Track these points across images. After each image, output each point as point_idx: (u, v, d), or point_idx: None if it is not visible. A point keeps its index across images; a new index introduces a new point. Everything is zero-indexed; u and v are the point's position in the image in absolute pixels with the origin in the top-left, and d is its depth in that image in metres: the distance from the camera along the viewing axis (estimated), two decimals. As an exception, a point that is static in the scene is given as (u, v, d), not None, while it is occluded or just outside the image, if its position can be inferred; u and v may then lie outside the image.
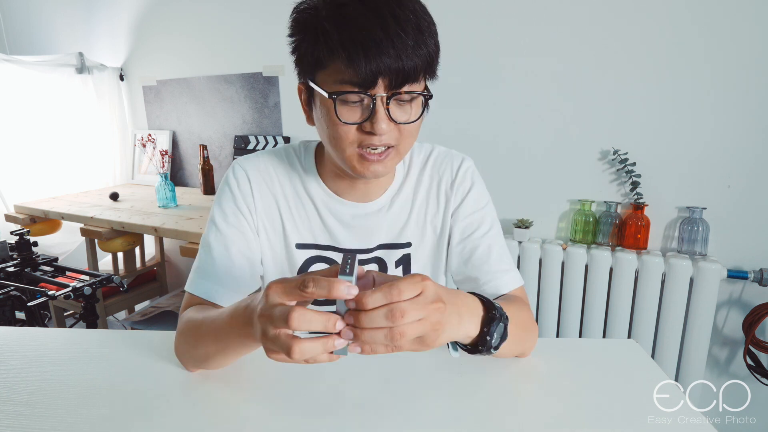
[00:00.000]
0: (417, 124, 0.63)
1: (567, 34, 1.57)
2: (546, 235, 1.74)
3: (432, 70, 0.61)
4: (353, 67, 0.56)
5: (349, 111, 0.60)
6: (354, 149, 0.62)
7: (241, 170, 0.74)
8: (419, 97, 0.62)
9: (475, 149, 1.69)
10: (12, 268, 1.75)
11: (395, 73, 0.57)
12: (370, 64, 0.55)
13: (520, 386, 0.63)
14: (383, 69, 0.56)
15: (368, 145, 0.61)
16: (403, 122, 0.61)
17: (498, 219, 0.79)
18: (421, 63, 0.58)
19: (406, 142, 0.64)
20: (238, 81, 2.23)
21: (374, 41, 0.55)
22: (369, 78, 0.56)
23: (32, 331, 0.81)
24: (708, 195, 1.49)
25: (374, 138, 0.60)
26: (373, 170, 0.64)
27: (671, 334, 1.52)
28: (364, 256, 0.76)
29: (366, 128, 0.60)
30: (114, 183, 2.62)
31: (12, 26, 2.84)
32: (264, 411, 0.58)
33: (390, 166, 0.65)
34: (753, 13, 1.35)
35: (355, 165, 0.64)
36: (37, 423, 0.56)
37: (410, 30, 0.56)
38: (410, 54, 0.56)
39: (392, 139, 0.62)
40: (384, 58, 0.55)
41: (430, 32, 0.59)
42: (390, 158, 0.64)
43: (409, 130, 0.63)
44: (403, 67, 0.56)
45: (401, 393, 0.62)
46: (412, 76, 0.58)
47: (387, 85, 0.58)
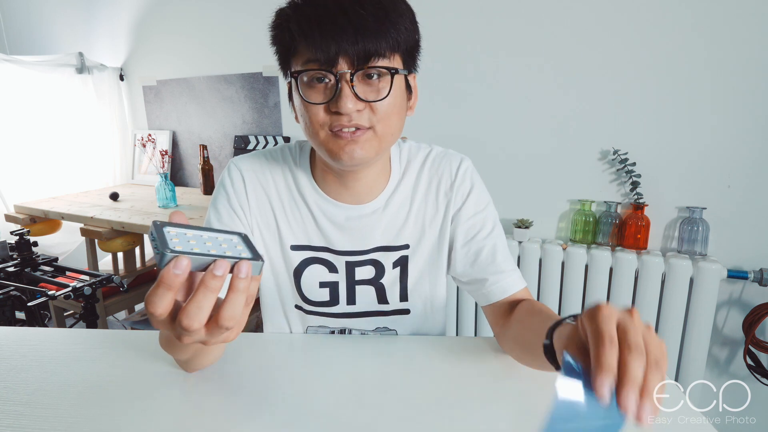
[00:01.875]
0: (392, 103, 0.61)
1: (568, 34, 1.57)
2: (546, 235, 1.74)
3: (400, 47, 0.59)
4: (312, 46, 0.56)
5: (315, 92, 0.60)
6: (326, 132, 0.61)
7: (236, 170, 0.74)
8: (389, 74, 0.59)
9: (475, 149, 1.69)
10: (12, 268, 1.75)
11: (354, 48, 0.56)
12: (326, 40, 0.55)
13: (519, 386, 0.63)
14: (341, 46, 0.55)
15: (338, 126, 0.60)
16: (373, 100, 0.59)
17: (498, 218, 0.79)
18: (384, 38, 0.57)
19: (384, 123, 0.61)
20: (238, 81, 2.23)
21: (330, 18, 0.55)
22: (328, 56, 0.56)
23: (32, 331, 0.80)
24: (708, 195, 1.49)
25: (342, 118, 0.59)
26: (349, 151, 0.61)
27: (671, 334, 1.52)
28: (359, 258, 0.75)
29: (333, 108, 0.59)
30: (114, 183, 2.62)
31: (12, 26, 2.84)
32: (264, 411, 0.58)
33: (369, 150, 0.62)
34: (753, 13, 1.35)
35: (331, 148, 0.62)
36: (37, 423, 0.56)
37: (369, 5, 0.55)
38: (371, 29, 0.55)
39: (364, 119, 0.60)
40: (341, 34, 0.55)
41: (395, 8, 0.58)
42: (367, 140, 0.61)
43: (384, 110, 0.61)
44: (363, 41, 0.55)
45: (399, 395, 0.62)
46: (374, 51, 0.57)
47: (349, 62, 0.57)
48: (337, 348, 0.74)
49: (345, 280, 0.76)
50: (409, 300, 0.78)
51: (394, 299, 0.78)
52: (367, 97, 0.59)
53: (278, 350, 0.74)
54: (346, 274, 0.76)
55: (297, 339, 0.78)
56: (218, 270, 0.35)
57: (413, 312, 0.79)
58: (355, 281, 0.76)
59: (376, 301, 0.78)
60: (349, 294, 0.77)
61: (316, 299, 0.77)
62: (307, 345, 0.76)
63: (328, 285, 0.77)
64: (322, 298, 0.77)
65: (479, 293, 0.76)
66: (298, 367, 0.69)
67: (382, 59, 0.58)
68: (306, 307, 0.78)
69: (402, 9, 0.59)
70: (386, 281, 0.77)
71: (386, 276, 0.77)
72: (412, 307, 0.79)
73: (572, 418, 0.36)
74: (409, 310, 0.79)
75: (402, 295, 0.78)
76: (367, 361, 0.70)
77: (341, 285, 0.77)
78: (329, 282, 0.76)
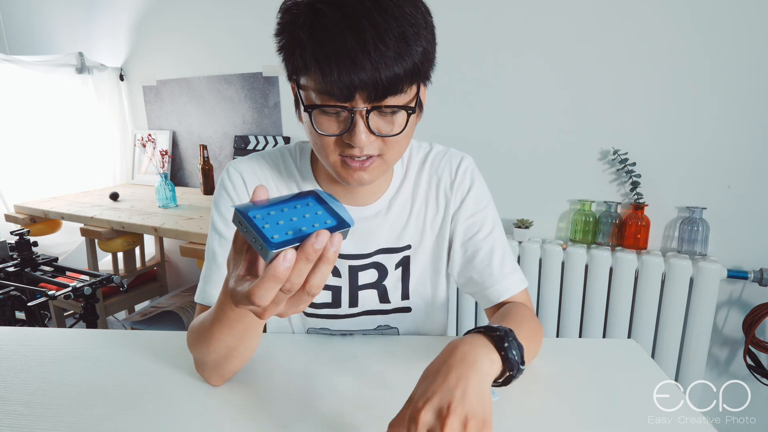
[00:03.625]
0: (406, 134, 0.61)
1: (568, 34, 1.57)
2: (546, 235, 1.74)
3: (420, 77, 0.57)
4: (328, 80, 0.53)
5: (328, 122, 0.57)
6: (336, 156, 0.61)
7: (236, 172, 0.73)
8: (405, 112, 0.58)
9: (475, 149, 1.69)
10: (12, 268, 1.75)
11: (373, 87, 0.53)
12: (344, 78, 0.52)
13: (519, 386, 0.63)
14: (358, 83, 0.52)
15: (349, 155, 0.59)
16: (386, 135, 0.58)
17: (499, 218, 0.78)
18: (405, 74, 0.54)
19: (393, 151, 0.61)
20: (238, 81, 2.23)
21: (348, 54, 0.51)
22: (344, 92, 0.53)
23: (32, 331, 0.81)
24: (708, 195, 1.49)
25: (355, 150, 0.58)
26: (357, 178, 0.61)
27: (671, 334, 1.52)
28: (361, 261, 0.75)
29: (346, 140, 0.58)
30: (114, 183, 2.62)
31: (12, 26, 2.84)
32: (264, 411, 0.58)
33: (376, 175, 0.63)
34: (753, 12, 1.35)
35: (339, 172, 0.62)
36: (37, 423, 0.56)
37: (391, 40, 0.52)
38: (390, 66, 0.52)
39: (375, 149, 0.60)
40: (359, 71, 0.51)
41: (417, 38, 0.54)
42: (375, 167, 0.62)
43: (395, 140, 0.60)
44: (381, 80, 0.52)
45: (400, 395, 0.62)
46: (392, 88, 0.54)
47: (365, 98, 0.54)
48: (337, 348, 0.74)
49: (348, 285, 0.76)
50: (411, 298, 0.78)
51: (396, 298, 0.78)
52: (380, 131, 0.58)
53: (279, 350, 0.74)
54: (350, 280, 0.75)
55: (298, 339, 0.78)
56: (319, 244, 0.38)
57: (414, 309, 0.79)
58: (358, 286, 0.76)
59: (378, 301, 0.78)
60: (351, 298, 0.77)
61: (317, 301, 0.77)
62: (307, 345, 0.76)
63: (331, 288, 0.76)
64: (324, 300, 0.77)
65: (478, 296, 0.76)
66: (298, 367, 0.69)
67: (399, 95, 0.56)
68: (306, 310, 0.78)
69: (424, 33, 0.55)
70: (389, 282, 0.77)
71: (389, 278, 0.76)
72: (414, 305, 0.79)
73: None
74: (410, 308, 0.79)
75: (404, 294, 0.78)
76: (368, 361, 0.70)
77: (344, 290, 0.76)
78: (332, 286, 0.76)
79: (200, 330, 0.60)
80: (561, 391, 0.62)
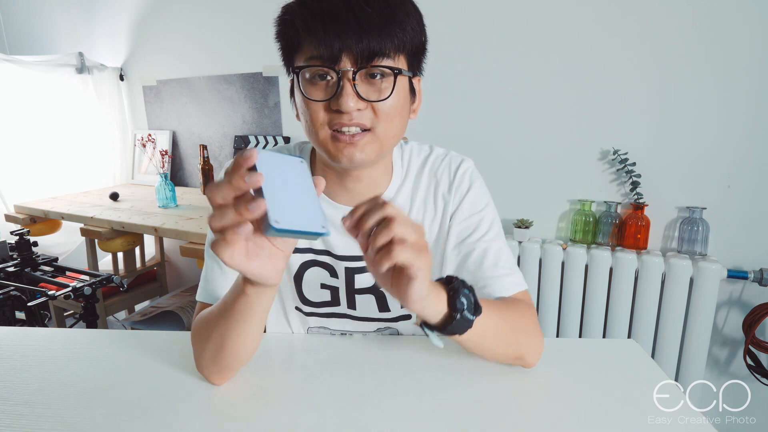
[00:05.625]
0: (395, 104, 0.60)
1: (568, 33, 1.57)
2: (546, 235, 1.74)
3: (408, 47, 0.59)
4: (315, 42, 0.55)
5: (317, 89, 0.59)
6: (326, 131, 0.60)
7: None
8: (392, 74, 0.59)
9: (475, 149, 1.70)
10: (12, 268, 1.75)
11: (359, 48, 0.55)
12: (330, 37, 0.54)
13: (519, 386, 0.63)
14: (346, 43, 0.55)
15: (339, 125, 0.59)
16: (375, 100, 0.59)
17: (499, 221, 0.76)
18: (390, 39, 0.56)
19: (385, 125, 0.60)
20: (238, 81, 2.23)
21: (334, 14, 0.54)
22: (331, 53, 0.55)
23: (32, 331, 0.81)
24: (708, 195, 1.49)
25: (343, 117, 0.58)
26: (348, 154, 0.60)
27: (671, 334, 1.52)
28: (359, 263, 0.74)
29: (334, 106, 0.58)
30: (114, 183, 2.62)
31: (12, 26, 2.84)
32: (264, 411, 0.58)
33: (369, 153, 0.61)
34: (753, 13, 1.35)
35: (330, 149, 0.61)
36: (37, 423, 0.56)
37: (376, 3, 0.55)
38: (375, 27, 0.55)
39: (365, 120, 0.59)
40: (345, 31, 0.54)
41: (403, 8, 0.57)
42: (367, 143, 0.61)
43: (386, 112, 0.60)
44: (367, 41, 0.55)
45: (400, 395, 0.62)
46: (379, 51, 0.56)
47: (353, 60, 0.56)
48: (337, 348, 0.74)
49: (345, 287, 0.75)
50: None
51: (396, 306, 0.77)
52: (369, 96, 0.59)
53: (278, 350, 0.74)
54: (346, 282, 0.75)
55: (298, 339, 0.78)
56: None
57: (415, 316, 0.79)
58: (354, 289, 0.75)
59: (377, 309, 0.77)
60: (349, 300, 0.76)
61: (317, 299, 0.77)
62: (307, 345, 0.76)
63: (329, 288, 0.76)
64: (323, 298, 0.77)
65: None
66: (298, 367, 0.69)
67: (386, 59, 0.57)
68: (305, 309, 0.78)
69: (409, 9, 0.59)
70: None
71: None
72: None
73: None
74: (410, 315, 0.78)
75: None
76: (368, 361, 0.70)
77: (341, 291, 0.76)
78: (330, 285, 0.76)
79: (202, 321, 0.63)
80: (561, 391, 0.62)
